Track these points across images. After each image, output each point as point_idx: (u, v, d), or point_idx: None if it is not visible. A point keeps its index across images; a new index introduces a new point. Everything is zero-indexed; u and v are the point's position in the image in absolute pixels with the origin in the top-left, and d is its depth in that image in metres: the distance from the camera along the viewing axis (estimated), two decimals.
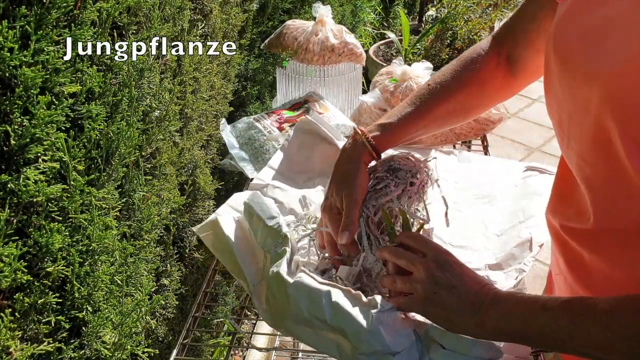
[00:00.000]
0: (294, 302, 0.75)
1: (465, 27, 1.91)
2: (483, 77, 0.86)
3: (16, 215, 0.62)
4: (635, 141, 0.55)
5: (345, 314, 0.72)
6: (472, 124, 1.28)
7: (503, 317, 0.65)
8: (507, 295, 0.67)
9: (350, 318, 0.71)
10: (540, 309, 0.62)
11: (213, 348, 1.53)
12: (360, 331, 0.70)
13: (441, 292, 0.68)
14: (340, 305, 0.73)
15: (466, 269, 0.71)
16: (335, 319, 0.72)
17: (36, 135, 0.62)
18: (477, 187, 1.09)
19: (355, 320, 0.71)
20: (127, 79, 0.80)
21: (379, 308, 0.72)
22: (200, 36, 1.12)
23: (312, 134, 1.09)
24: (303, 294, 0.75)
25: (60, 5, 0.63)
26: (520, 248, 0.89)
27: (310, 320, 0.74)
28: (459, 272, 0.69)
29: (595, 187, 0.63)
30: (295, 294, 0.75)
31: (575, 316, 0.60)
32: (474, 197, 1.07)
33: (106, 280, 0.76)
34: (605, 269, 0.66)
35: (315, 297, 0.74)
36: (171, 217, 1.07)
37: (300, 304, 0.74)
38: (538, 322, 0.62)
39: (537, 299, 0.64)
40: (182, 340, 0.84)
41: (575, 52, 0.62)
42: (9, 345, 0.60)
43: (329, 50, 1.39)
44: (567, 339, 0.60)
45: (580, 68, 0.60)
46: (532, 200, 0.98)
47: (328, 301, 0.73)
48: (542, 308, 0.62)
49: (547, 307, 0.62)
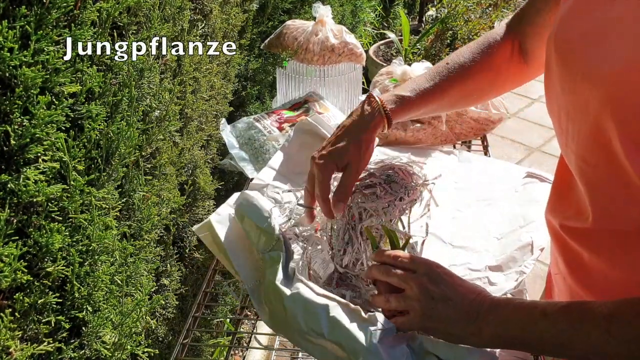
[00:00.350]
0: (291, 314, 0.74)
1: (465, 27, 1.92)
2: (498, 63, 0.86)
3: (16, 215, 0.62)
4: (635, 142, 0.55)
5: (344, 329, 0.71)
6: (472, 123, 1.28)
7: (501, 323, 0.64)
8: (504, 301, 0.67)
9: (348, 334, 0.70)
10: (540, 314, 0.62)
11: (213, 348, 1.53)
12: (358, 349, 0.69)
13: (438, 307, 0.68)
14: (338, 320, 0.72)
15: (457, 279, 0.70)
16: (333, 333, 0.71)
17: (36, 135, 0.62)
18: (477, 188, 1.09)
19: (353, 337, 0.70)
20: (127, 79, 0.80)
21: (379, 326, 0.71)
22: (200, 36, 1.12)
23: (313, 134, 1.09)
24: (300, 307, 0.74)
25: (60, 5, 0.63)
26: (521, 251, 0.88)
27: (308, 333, 0.73)
28: (451, 282, 0.69)
29: (595, 186, 0.63)
30: (292, 306, 0.74)
31: (575, 321, 0.59)
32: (474, 198, 1.07)
33: (106, 280, 0.76)
34: (605, 269, 0.66)
35: (313, 311, 0.73)
36: (171, 217, 1.07)
37: (298, 316, 0.73)
38: (537, 328, 0.62)
39: (535, 304, 0.64)
40: (182, 340, 0.84)
41: (576, 52, 0.62)
42: (9, 345, 0.60)
43: (329, 50, 1.39)
44: (566, 344, 0.60)
45: (580, 68, 0.60)
46: (532, 208, 0.98)
47: (326, 315, 0.72)
48: (541, 314, 0.62)
49: (546, 313, 0.61)
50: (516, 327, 0.64)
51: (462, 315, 0.66)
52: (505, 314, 0.64)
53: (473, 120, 1.27)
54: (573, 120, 0.64)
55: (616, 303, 0.58)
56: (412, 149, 1.25)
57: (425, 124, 1.25)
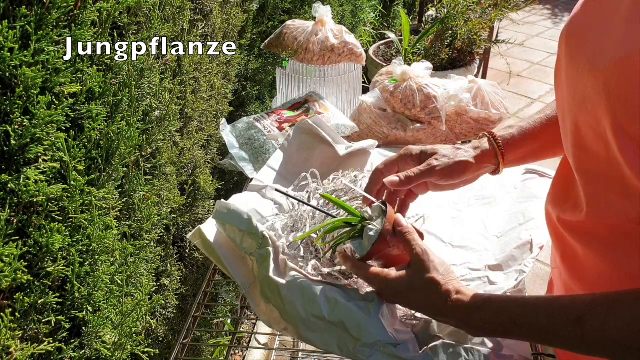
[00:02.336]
0: (289, 302, 0.75)
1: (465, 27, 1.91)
2: None
3: (16, 215, 0.62)
4: (628, 135, 0.55)
5: (345, 307, 0.73)
6: (472, 124, 1.28)
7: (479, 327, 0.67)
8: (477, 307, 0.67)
9: (349, 311, 0.73)
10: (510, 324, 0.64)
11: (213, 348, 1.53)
12: (361, 322, 0.71)
13: (412, 304, 0.71)
14: (338, 300, 0.74)
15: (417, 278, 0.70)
16: (334, 314, 0.73)
17: (36, 135, 0.62)
18: (477, 188, 1.09)
19: (355, 312, 0.72)
20: (127, 79, 0.80)
21: (377, 301, 0.73)
22: (200, 36, 1.12)
23: (312, 135, 1.09)
24: (297, 294, 0.75)
25: (61, 5, 0.63)
26: (520, 249, 0.89)
27: (308, 319, 0.74)
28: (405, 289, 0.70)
29: (589, 178, 0.64)
30: (289, 294, 0.75)
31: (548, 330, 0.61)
32: (473, 197, 1.07)
33: (106, 280, 0.76)
34: (598, 264, 0.66)
35: (311, 295, 0.74)
36: (171, 217, 1.07)
37: (296, 303, 0.74)
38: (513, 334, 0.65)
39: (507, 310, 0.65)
40: (182, 340, 0.84)
41: (582, 43, 0.63)
42: (9, 345, 0.60)
43: (329, 50, 1.39)
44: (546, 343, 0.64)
45: (584, 58, 0.61)
46: (532, 203, 0.98)
47: (324, 297, 0.74)
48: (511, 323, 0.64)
49: (516, 323, 0.63)
50: (494, 332, 0.67)
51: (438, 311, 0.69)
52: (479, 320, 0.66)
53: (473, 120, 1.27)
54: (573, 111, 0.64)
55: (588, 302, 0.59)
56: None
57: (425, 124, 1.25)
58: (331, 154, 1.08)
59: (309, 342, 0.75)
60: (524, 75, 4.11)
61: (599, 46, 0.60)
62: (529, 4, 2.24)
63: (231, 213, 0.83)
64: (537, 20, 5.32)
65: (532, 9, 5.37)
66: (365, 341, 0.71)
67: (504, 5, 1.99)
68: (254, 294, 0.81)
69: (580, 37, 0.64)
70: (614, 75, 0.56)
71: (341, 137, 1.14)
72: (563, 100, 0.67)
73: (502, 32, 2.32)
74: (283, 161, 1.08)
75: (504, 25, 3.57)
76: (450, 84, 1.32)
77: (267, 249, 0.79)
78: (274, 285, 0.76)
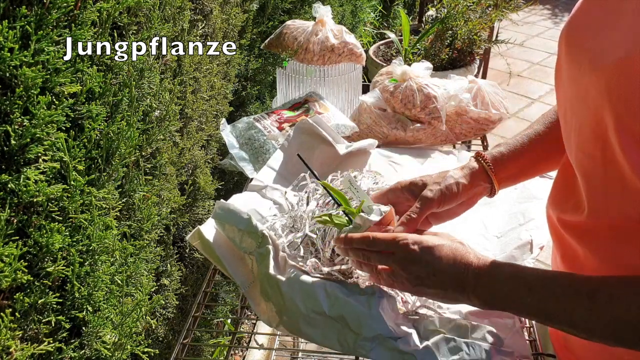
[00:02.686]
0: (289, 299, 0.75)
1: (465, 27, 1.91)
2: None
3: (16, 215, 0.62)
4: (630, 134, 0.55)
5: (344, 301, 0.73)
6: (472, 123, 1.28)
7: (488, 296, 0.67)
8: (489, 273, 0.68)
9: (349, 305, 0.73)
10: (525, 290, 0.64)
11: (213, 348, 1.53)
12: (362, 316, 0.72)
13: (425, 282, 0.70)
14: (338, 295, 0.74)
15: (438, 251, 0.70)
16: (334, 308, 0.73)
17: (36, 135, 0.62)
18: None
19: (355, 306, 0.73)
20: (127, 79, 0.80)
21: (377, 294, 0.74)
22: (200, 36, 1.12)
23: (312, 135, 1.09)
24: (297, 290, 0.75)
25: (61, 5, 0.63)
26: (520, 250, 0.89)
27: (308, 315, 0.74)
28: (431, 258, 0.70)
29: (591, 178, 0.64)
30: (289, 291, 0.75)
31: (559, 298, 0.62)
32: None
33: (106, 280, 0.76)
34: (598, 265, 0.66)
35: (311, 291, 0.75)
36: (171, 217, 1.07)
37: (296, 300, 0.75)
38: (523, 303, 0.65)
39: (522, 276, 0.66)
40: (182, 340, 0.84)
41: (583, 43, 0.63)
42: (9, 345, 0.60)
43: (329, 50, 1.39)
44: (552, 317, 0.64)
45: (585, 58, 0.61)
46: (532, 204, 0.98)
47: (324, 293, 0.74)
48: (526, 289, 0.64)
49: (531, 287, 0.64)
50: (502, 302, 0.67)
51: (450, 285, 0.69)
52: (491, 287, 0.67)
53: (473, 120, 1.27)
54: (575, 111, 0.64)
55: (601, 280, 0.61)
56: (411, 149, 1.26)
57: (425, 124, 1.25)
58: (331, 154, 1.08)
59: (309, 338, 0.75)
60: (524, 75, 4.11)
61: (599, 46, 0.60)
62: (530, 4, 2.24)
63: (230, 213, 0.83)
64: (537, 20, 5.32)
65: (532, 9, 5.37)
66: (365, 335, 0.71)
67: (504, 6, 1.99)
68: (253, 294, 0.82)
69: (580, 37, 0.64)
70: (614, 75, 0.56)
71: (341, 137, 1.14)
72: (566, 100, 0.67)
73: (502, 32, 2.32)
74: (283, 161, 1.08)
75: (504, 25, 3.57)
76: (450, 84, 1.31)
77: (267, 247, 0.79)
78: (274, 282, 0.76)
